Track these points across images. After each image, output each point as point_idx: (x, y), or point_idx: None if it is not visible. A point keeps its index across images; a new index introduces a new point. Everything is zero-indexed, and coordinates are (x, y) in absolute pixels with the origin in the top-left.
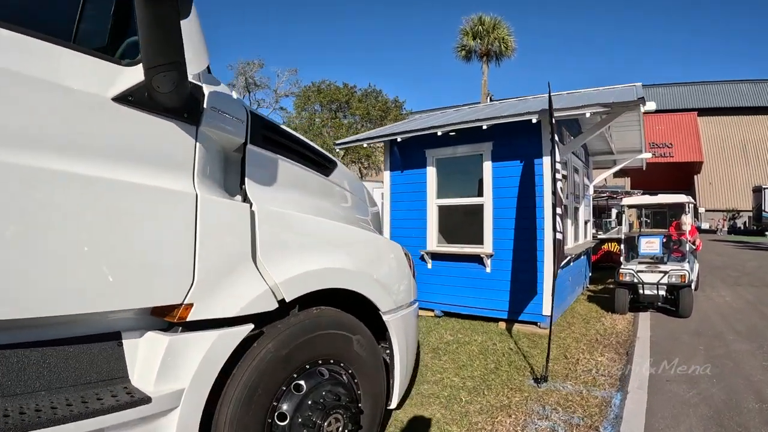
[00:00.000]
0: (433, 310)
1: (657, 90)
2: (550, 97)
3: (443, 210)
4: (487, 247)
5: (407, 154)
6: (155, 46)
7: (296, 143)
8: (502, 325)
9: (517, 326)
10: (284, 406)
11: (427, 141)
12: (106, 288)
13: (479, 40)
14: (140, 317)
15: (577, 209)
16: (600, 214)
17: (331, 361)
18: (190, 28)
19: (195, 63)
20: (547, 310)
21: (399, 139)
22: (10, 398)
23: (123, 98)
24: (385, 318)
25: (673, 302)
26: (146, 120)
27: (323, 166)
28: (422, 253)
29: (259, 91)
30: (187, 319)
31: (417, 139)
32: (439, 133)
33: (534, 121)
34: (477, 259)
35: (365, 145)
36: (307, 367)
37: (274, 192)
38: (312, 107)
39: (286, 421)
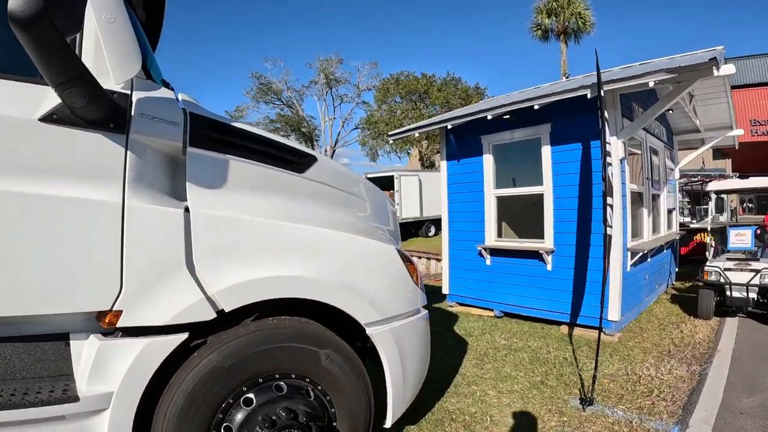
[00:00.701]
0: (492, 310)
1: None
2: (597, 66)
3: (502, 201)
4: (547, 242)
5: (463, 142)
6: (48, 66)
7: (253, 141)
8: (564, 329)
9: (579, 331)
10: (230, 419)
11: (482, 127)
12: (37, 294)
13: (554, 18)
14: (87, 322)
15: (656, 196)
16: (698, 200)
17: (293, 376)
18: (111, 37)
19: (119, 71)
20: (612, 314)
21: (449, 126)
22: None
23: (48, 117)
24: (368, 331)
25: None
26: (73, 135)
27: (293, 162)
28: (479, 248)
29: (341, 86)
30: (117, 325)
31: (471, 126)
32: (489, 117)
33: (589, 96)
34: (537, 255)
35: (416, 135)
36: (260, 381)
37: (223, 195)
38: (392, 99)
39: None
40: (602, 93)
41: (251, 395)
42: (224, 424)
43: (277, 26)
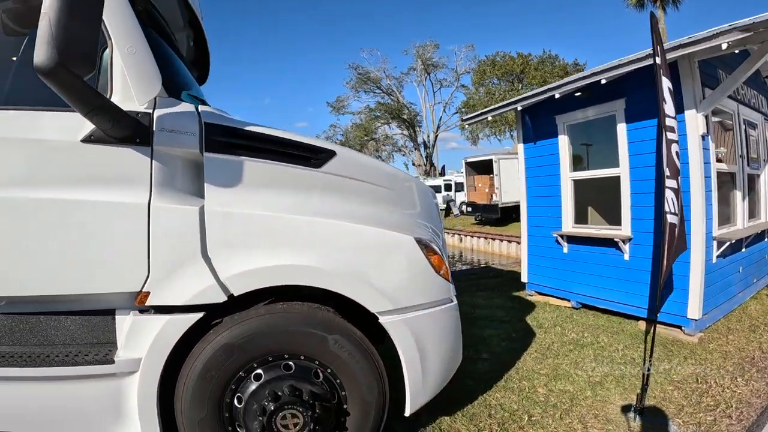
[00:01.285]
0: (569, 301)
1: None
2: (652, 30)
3: (579, 185)
4: (624, 229)
5: (538, 123)
6: (74, 102)
7: (267, 142)
8: (642, 325)
9: (658, 329)
10: (242, 391)
11: (555, 106)
12: (85, 276)
13: None
14: (128, 301)
15: (754, 177)
16: None
17: (302, 357)
18: (133, 67)
19: (141, 95)
20: (692, 312)
21: (519, 108)
22: (39, 346)
23: (87, 138)
24: (381, 320)
25: None
26: (107, 151)
27: (309, 158)
28: (556, 235)
29: (439, 71)
30: (146, 304)
31: (545, 106)
32: (557, 95)
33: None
34: (614, 243)
35: (489, 118)
36: (270, 359)
37: (237, 193)
38: (489, 81)
39: (242, 405)
40: (657, 60)
41: (260, 371)
42: (237, 394)
43: (371, 15)
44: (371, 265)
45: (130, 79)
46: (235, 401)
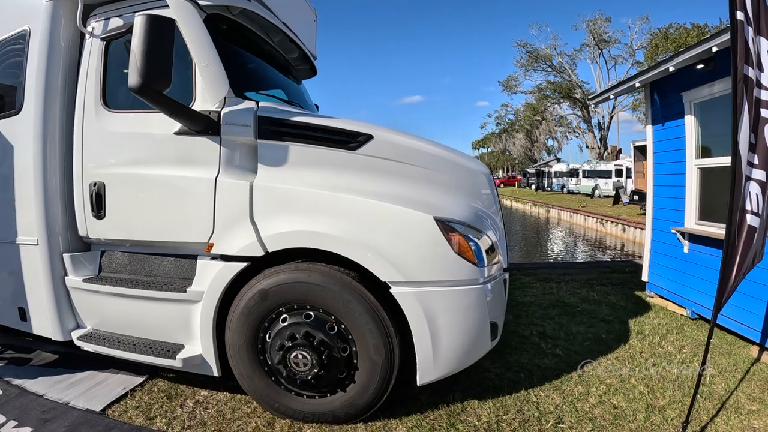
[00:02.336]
0: (685, 309)
1: None
2: None
3: (706, 175)
4: None
5: (665, 102)
6: (159, 108)
7: (309, 129)
8: (754, 351)
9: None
10: (271, 328)
11: (682, 80)
12: (168, 230)
13: None
14: (202, 248)
15: None
16: None
17: (320, 310)
18: (207, 77)
19: (212, 98)
20: None
21: (638, 84)
22: (146, 275)
23: (178, 132)
24: (393, 290)
25: None
26: (191, 140)
27: (346, 142)
28: (675, 231)
29: (612, 47)
30: (211, 252)
31: (672, 81)
32: (671, 69)
33: None
34: None
35: (611, 96)
36: (295, 307)
37: (281, 171)
38: (663, 56)
39: (270, 339)
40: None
41: (286, 315)
42: (268, 331)
43: None
44: (385, 238)
45: (204, 86)
46: (267, 336)
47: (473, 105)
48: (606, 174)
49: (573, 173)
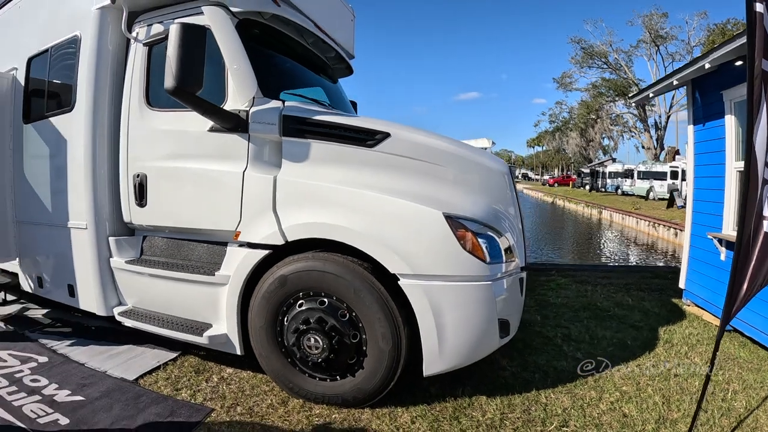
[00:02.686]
0: (719, 319)
1: None
2: None
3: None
4: None
5: (705, 101)
6: (192, 108)
7: (329, 128)
8: None
9: None
10: (289, 312)
11: (722, 78)
12: (201, 218)
13: None
14: (230, 236)
15: None
16: None
17: (334, 298)
18: (236, 79)
19: (240, 99)
20: None
21: (675, 82)
22: (181, 259)
23: (211, 129)
24: (400, 282)
25: None
26: (222, 136)
27: (365, 140)
28: (712, 237)
29: (669, 43)
30: (238, 240)
31: (712, 79)
32: (707, 66)
33: None
34: None
35: (651, 95)
36: (311, 293)
37: (302, 167)
38: None
39: (287, 323)
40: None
41: (302, 301)
42: (286, 315)
43: None
44: (395, 232)
45: (234, 87)
46: (285, 319)
47: (530, 102)
48: (661, 176)
49: (628, 174)
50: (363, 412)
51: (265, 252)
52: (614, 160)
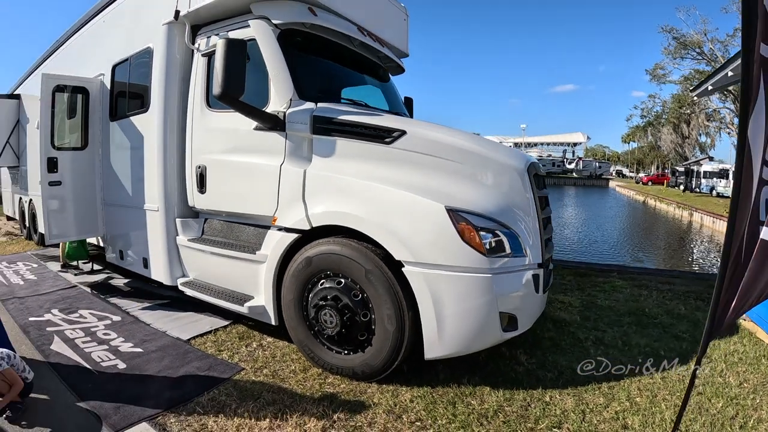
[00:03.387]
0: None
1: None
2: None
3: None
4: None
5: None
6: (238, 110)
7: (352, 126)
8: None
9: None
10: (312, 289)
11: None
12: (247, 205)
13: None
14: (269, 221)
15: None
16: None
17: (349, 279)
18: (277, 85)
19: (279, 102)
20: None
21: (729, 73)
22: (232, 239)
23: (256, 128)
24: (404, 269)
25: None
26: (264, 134)
27: (383, 137)
28: None
29: None
30: (276, 224)
31: None
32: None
33: None
34: None
35: (709, 87)
36: (330, 274)
37: (327, 161)
38: None
39: (310, 298)
40: None
41: (323, 280)
42: (310, 291)
43: None
44: (401, 222)
45: (274, 91)
46: (309, 295)
47: (628, 95)
48: None
49: (723, 174)
50: (370, 386)
51: (296, 235)
52: (711, 159)
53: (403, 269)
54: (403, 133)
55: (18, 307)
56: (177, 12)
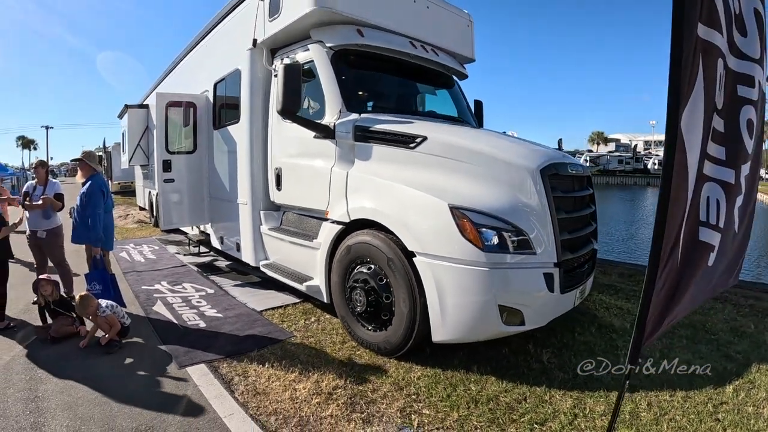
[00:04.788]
0: None
1: None
2: None
3: None
4: None
5: None
6: (297, 123)
7: (383, 134)
8: None
9: None
10: (351, 272)
11: None
12: (310, 200)
13: None
14: (323, 214)
15: None
16: None
17: (378, 266)
18: (329, 102)
19: (330, 114)
20: None
21: None
22: (300, 229)
23: (315, 136)
24: (415, 259)
25: None
26: (321, 141)
27: (408, 143)
28: None
29: None
30: (328, 217)
31: None
32: None
33: None
34: None
35: None
36: (366, 260)
37: (364, 164)
38: None
39: (350, 280)
40: None
41: (359, 265)
42: (351, 274)
43: None
44: (413, 217)
45: (327, 105)
46: (349, 278)
47: None
48: None
49: None
50: (389, 362)
51: (341, 227)
52: None
53: (414, 259)
54: (425, 138)
55: (135, 278)
56: (255, 40)
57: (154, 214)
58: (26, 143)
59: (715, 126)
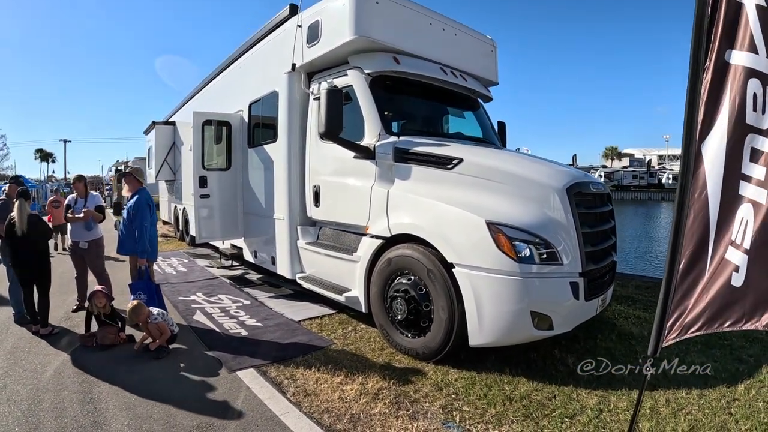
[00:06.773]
0: None
1: None
2: None
3: None
4: None
5: None
6: (338, 145)
7: (422, 155)
8: None
9: None
10: (392, 283)
11: None
12: (349, 216)
13: None
14: (363, 230)
15: None
16: None
17: (417, 277)
18: (368, 127)
19: (369, 137)
20: None
21: None
22: (338, 243)
23: (354, 156)
24: (454, 270)
25: None
26: (360, 162)
27: (445, 164)
28: None
29: None
30: (368, 232)
31: None
32: None
33: None
34: None
35: None
36: (406, 272)
37: (403, 183)
38: None
39: (389, 290)
40: None
41: (399, 277)
42: (391, 285)
43: None
44: (452, 231)
45: (367, 128)
46: (389, 288)
47: None
48: None
49: None
50: (427, 365)
51: (381, 241)
52: None
53: (453, 270)
54: (461, 160)
55: (171, 289)
56: (293, 65)
57: (180, 228)
58: (44, 156)
59: (757, 146)
